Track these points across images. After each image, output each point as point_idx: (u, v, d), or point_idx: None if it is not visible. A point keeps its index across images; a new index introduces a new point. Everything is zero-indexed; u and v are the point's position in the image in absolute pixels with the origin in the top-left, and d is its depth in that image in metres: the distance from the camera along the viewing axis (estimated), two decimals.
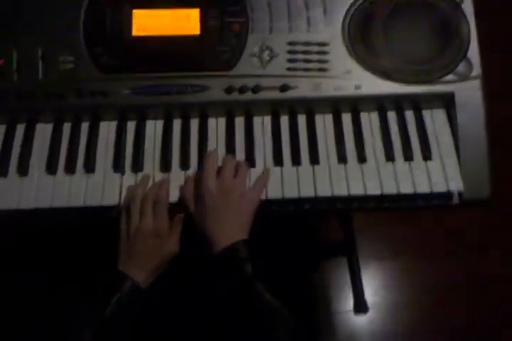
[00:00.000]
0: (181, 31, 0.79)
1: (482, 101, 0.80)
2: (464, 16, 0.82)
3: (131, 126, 0.80)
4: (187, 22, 0.80)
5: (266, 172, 0.75)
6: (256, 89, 0.78)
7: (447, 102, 0.81)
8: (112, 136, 0.79)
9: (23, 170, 0.75)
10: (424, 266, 1.40)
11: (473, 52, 0.81)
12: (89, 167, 0.76)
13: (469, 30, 0.81)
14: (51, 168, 0.76)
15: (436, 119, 0.82)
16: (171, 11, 0.80)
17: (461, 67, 0.81)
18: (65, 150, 0.77)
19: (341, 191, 0.75)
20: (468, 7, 0.81)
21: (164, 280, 0.72)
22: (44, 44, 0.77)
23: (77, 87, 0.76)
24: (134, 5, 0.79)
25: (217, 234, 0.67)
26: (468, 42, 0.81)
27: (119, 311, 0.65)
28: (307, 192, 0.74)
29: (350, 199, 0.76)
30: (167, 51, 0.78)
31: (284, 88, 0.78)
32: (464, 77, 0.80)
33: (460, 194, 0.78)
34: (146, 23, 0.79)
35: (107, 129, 0.79)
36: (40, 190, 0.74)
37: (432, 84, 0.80)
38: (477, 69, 0.80)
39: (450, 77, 0.80)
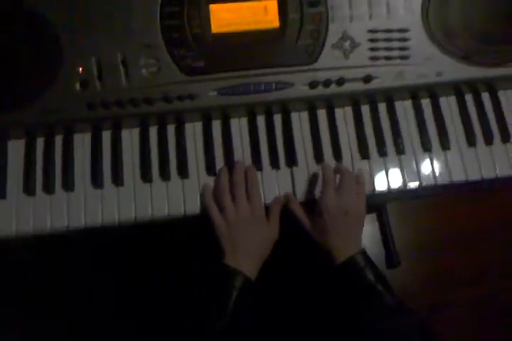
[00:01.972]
0: (260, 25, 0.77)
1: None
2: None
3: (216, 125, 0.80)
4: (265, 15, 0.77)
5: (362, 183, 0.76)
6: (340, 82, 0.78)
7: None
8: (199, 137, 0.79)
9: (117, 180, 0.76)
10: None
11: None
12: (184, 170, 0.77)
13: None
14: (146, 175, 0.76)
15: (511, 99, 0.84)
16: (247, 4, 0.77)
17: None
18: (156, 154, 0.78)
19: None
20: None
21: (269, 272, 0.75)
22: (123, 49, 0.74)
23: (163, 91, 0.75)
24: (211, 0, 0.76)
25: (337, 248, 0.70)
26: None
27: (237, 311, 0.66)
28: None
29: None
30: (248, 48, 0.76)
31: (367, 79, 0.78)
32: None
33: None
34: (224, 17, 0.76)
35: (192, 131, 0.79)
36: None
37: (507, 66, 0.81)
38: None
39: None
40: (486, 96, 0.84)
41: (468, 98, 0.84)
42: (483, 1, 0.80)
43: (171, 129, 0.79)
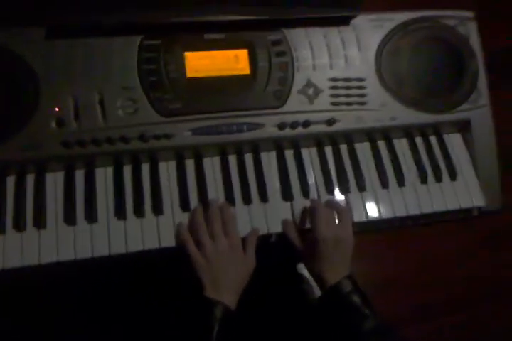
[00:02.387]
0: (232, 71, 0.83)
1: (492, 125, 0.94)
2: (472, 51, 0.94)
3: (189, 164, 0.83)
4: (236, 63, 0.84)
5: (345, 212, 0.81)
6: (306, 124, 0.84)
7: (464, 127, 0.93)
8: (173, 175, 0.82)
9: (91, 217, 0.76)
10: None
11: (482, 83, 0.93)
12: (158, 207, 0.78)
13: (477, 63, 0.94)
14: (120, 212, 0.77)
15: (454, 142, 0.94)
16: (220, 53, 0.83)
17: (473, 97, 0.94)
18: (131, 192, 0.79)
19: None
20: (475, 44, 0.94)
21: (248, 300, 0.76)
22: (101, 89, 0.76)
23: (139, 131, 0.77)
24: (185, 48, 0.81)
25: (327, 274, 0.74)
26: (477, 75, 0.94)
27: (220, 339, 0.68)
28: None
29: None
30: (221, 92, 0.81)
31: (330, 122, 0.85)
32: (476, 105, 0.93)
33: (479, 207, 0.92)
34: (198, 64, 0.81)
35: (166, 169, 0.82)
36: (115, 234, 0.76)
37: (452, 113, 0.91)
38: (486, 98, 0.94)
39: (465, 106, 0.92)
40: (433, 139, 0.93)
41: (419, 140, 0.93)
42: (426, 56, 0.91)
43: (145, 168, 0.81)
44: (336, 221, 0.79)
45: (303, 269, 1.08)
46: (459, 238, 1.60)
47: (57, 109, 0.76)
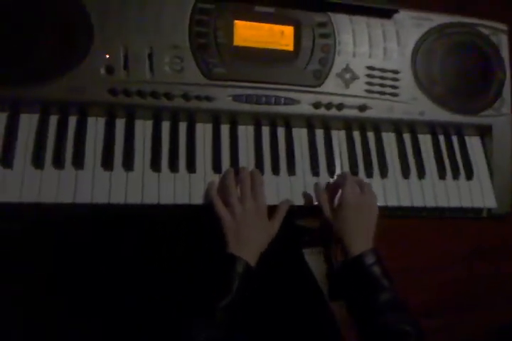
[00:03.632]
0: (277, 46, 0.87)
1: (511, 132, 0.99)
2: (502, 60, 1.00)
3: (224, 129, 0.86)
4: (281, 38, 0.88)
5: (368, 187, 0.85)
6: (340, 107, 0.88)
7: (484, 132, 0.98)
8: (209, 137, 0.85)
9: (128, 165, 0.78)
10: None
11: (507, 92, 0.99)
12: (192, 165, 0.81)
13: (505, 73, 1.00)
14: (156, 165, 0.79)
15: (474, 145, 0.99)
16: (268, 26, 0.87)
17: (497, 104, 0.99)
18: (167, 147, 0.82)
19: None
20: (505, 54, 1.00)
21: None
22: (151, 44, 0.79)
23: (183, 89, 0.81)
24: (236, 16, 0.85)
25: (353, 242, 0.78)
26: (503, 84, 1.00)
27: (240, 291, 0.71)
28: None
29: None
30: (264, 63, 0.85)
31: (362, 108, 0.89)
32: (499, 113, 0.99)
33: (489, 209, 0.97)
34: (245, 33, 0.85)
35: (203, 131, 0.85)
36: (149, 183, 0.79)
37: (475, 116, 0.97)
38: (508, 107, 0.99)
39: (489, 111, 0.98)
40: (455, 139, 0.99)
41: (441, 138, 0.98)
42: (458, 59, 0.97)
43: (182, 126, 0.84)
44: (367, 191, 0.82)
45: (307, 254, 1.11)
46: (453, 243, 1.67)
47: (107, 56, 0.78)
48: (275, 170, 0.85)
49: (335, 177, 0.87)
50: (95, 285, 1.01)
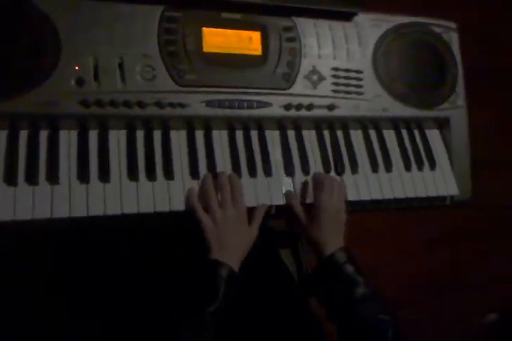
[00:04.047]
0: (246, 51, 0.86)
1: (467, 124, 1.03)
2: (454, 57, 1.04)
3: (199, 135, 0.84)
4: (250, 43, 0.87)
5: (343, 186, 0.87)
6: (309, 107, 0.88)
7: (443, 124, 1.01)
8: (184, 144, 0.83)
9: (105, 177, 0.75)
10: None
11: (460, 86, 1.03)
12: (170, 172, 0.79)
13: (457, 68, 1.04)
14: (133, 174, 0.77)
15: (434, 137, 1.02)
16: (235, 32, 0.86)
17: (453, 98, 1.03)
18: (143, 156, 0.79)
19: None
20: (456, 51, 1.04)
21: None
22: (121, 54, 0.77)
23: (155, 97, 0.78)
24: (204, 23, 0.83)
25: (325, 243, 0.79)
26: (457, 78, 1.03)
27: (226, 297, 0.70)
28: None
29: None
30: (234, 68, 0.84)
31: (331, 107, 0.90)
32: (455, 106, 1.02)
33: (452, 197, 1.00)
34: (214, 40, 0.83)
35: (177, 138, 0.82)
36: (125, 194, 0.76)
37: (433, 110, 1.00)
38: (462, 100, 1.03)
39: (445, 105, 1.01)
40: (416, 133, 1.01)
41: (404, 133, 1.00)
42: (414, 57, 0.99)
43: (157, 135, 0.82)
44: (339, 193, 0.83)
45: (284, 255, 1.11)
46: (418, 232, 1.72)
47: (77, 68, 0.75)
48: (252, 172, 0.84)
49: (309, 176, 0.87)
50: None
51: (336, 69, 0.92)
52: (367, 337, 0.71)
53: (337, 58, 0.92)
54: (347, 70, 0.93)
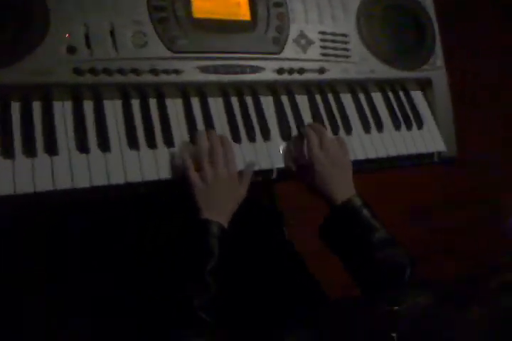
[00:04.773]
0: (235, 16, 0.81)
1: (447, 83, 1.02)
2: (430, 19, 1.02)
3: (195, 102, 0.79)
4: (238, 9, 0.82)
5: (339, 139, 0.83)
6: (301, 71, 0.85)
7: (425, 85, 1.00)
8: (181, 111, 0.77)
9: (105, 146, 0.70)
10: None
11: (438, 48, 1.01)
12: (170, 140, 0.74)
13: (434, 30, 1.02)
14: (134, 143, 0.72)
15: (418, 98, 1.00)
16: None
17: (432, 59, 1.01)
18: (141, 126, 0.74)
19: (372, 154, 0.89)
20: (431, 12, 1.02)
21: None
22: (111, 21, 0.71)
23: (150, 64, 0.73)
24: None
25: (336, 191, 0.75)
26: (435, 40, 1.02)
27: (221, 253, 0.67)
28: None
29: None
30: (225, 33, 0.79)
31: (321, 71, 0.87)
32: (435, 66, 1.01)
33: (439, 153, 0.99)
34: (203, 5, 0.78)
35: (174, 106, 0.77)
36: (128, 163, 0.70)
37: (416, 71, 0.98)
38: (441, 61, 1.01)
39: (426, 66, 0.99)
40: (402, 95, 0.99)
41: (390, 95, 0.98)
42: (393, 20, 0.96)
43: (152, 103, 0.76)
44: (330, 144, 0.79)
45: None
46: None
47: (67, 36, 0.69)
48: (251, 137, 0.80)
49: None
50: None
51: (323, 33, 0.88)
52: (385, 279, 0.69)
53: (323, 23, 0.89)
54: (333, 34, 0.89)
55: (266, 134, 0.81)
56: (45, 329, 0.96)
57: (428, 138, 0.96)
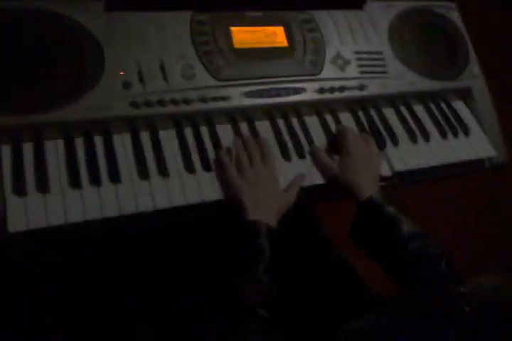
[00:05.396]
0: (273, 44, 0.82)
1: (487, 90, 0.97)
2: (460, 31, 1.00)
3: (243, 127, 0.79)
4: (275, 37, 0.83)
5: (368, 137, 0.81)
6: (341, 89, 0.83)
7: (466, 94, 0.96)
8: (231, 136, 0.77)
9: (164, 171, 0.69)
10: None
11: (473, 58, 0.98)
12: None
13: (466, 41, 0.99)
14: (190, 167, 0.71)
15: (460, 107, 0.96)
16: (260, 28, 0.81)
17: (469, 68, 0.97)
18: (196, 151, 0.73)
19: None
20: (461, 27, 1.00)
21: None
22: (160, 56, 0.72)
23: (199, 93, 0.73)
24: (231, 23, 0.79)
25: (363, 186, 0.72)
26: (468, 52, 0.99)
27: (271, 253, 0.63)
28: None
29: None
30: (266, 60, 0.79)
31: (361, 87, 0.85)
32: (473, 75, 0.97)
33: (490, 159, 0.93)
34: (243, 37, 0.80)
35: (224, 131, 0.77)
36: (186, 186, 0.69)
37: (455, 81, 0.94)
38: (477, 70, 0.98)
39: (464, 75, 0.96)
40: (443, 105, 0.95)
41: (432, 106, 0.94)
42: (426, 36, 0.95)
43: (204, 131, 0.76)
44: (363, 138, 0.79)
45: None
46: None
47: (122, 73, 0.71)
48: (301, 155, 0.78)
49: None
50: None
51: (358, 52, 0.87)
52: (419, 272, 0.63)
53: (357, 43, 0.88)
54: (368, 52, 0.88)
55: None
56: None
57: (477, 145, 0.91)
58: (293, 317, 0.64)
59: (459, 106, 0.96)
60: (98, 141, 0.70)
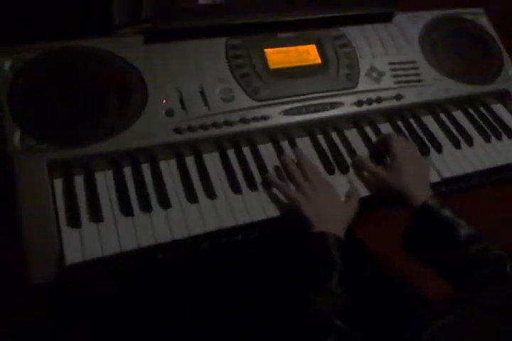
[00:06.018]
0: (307, 62, 0.79)
1: None
2: (491, 36, 0.94)
3: (285, 145, 0.75)
4: (308, 55, 0.80)
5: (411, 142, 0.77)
6: (379, 100, 0.79)
7: (504, 96, 0.90)
8: (273, 154, 0.74)
9: (212, 194, 0.66)
10: None
11: (507, 60, 0.92)
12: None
13: (498, 45, 0.94)
14: (236, 188, 0.68)
15: (500, 111, 0.90)
16: (293, 48, 0.79)
17: (504, 70, 0.92)
18: (240, 172, 0.70)
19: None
20: (491, 30, 0.94)
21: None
22: (199, 82, 0.71)
23: (240, 115, 0.71)
24: (264, 45, 0.76)
25: (415, 191, 0.67)
26: (501, 54, 0.93)
27: (343, 264, 0.59)
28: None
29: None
30: (301, 77, 0.76)
31: (398, 97, 0.81)
32: (507, 77, 0.91)
33: None
34: (277, 57, 0.77)
35: (266, 150, 0.74)
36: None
37: (491, 84, 0.89)
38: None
39: (501, 78, 0.90)
40: (482, 109, 0.89)
41: (471, 111, 0.88)
42: (457, 42, 0.91)
43: (246, 151, 0.73)
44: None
45: None
46: None
47: (164, 101, 0.69)
48: (345, 169, 0.73)
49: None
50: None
51: (391, 63, 0.84)
52: (484, 276, 0.57)
53: (389, 54, 0.85)
54: (401, 63, 0.84)
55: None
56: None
57: None
58: (365, 327, 0.59)
59: (499, 109, 0.90)
60: (145, 168, 0.68)
